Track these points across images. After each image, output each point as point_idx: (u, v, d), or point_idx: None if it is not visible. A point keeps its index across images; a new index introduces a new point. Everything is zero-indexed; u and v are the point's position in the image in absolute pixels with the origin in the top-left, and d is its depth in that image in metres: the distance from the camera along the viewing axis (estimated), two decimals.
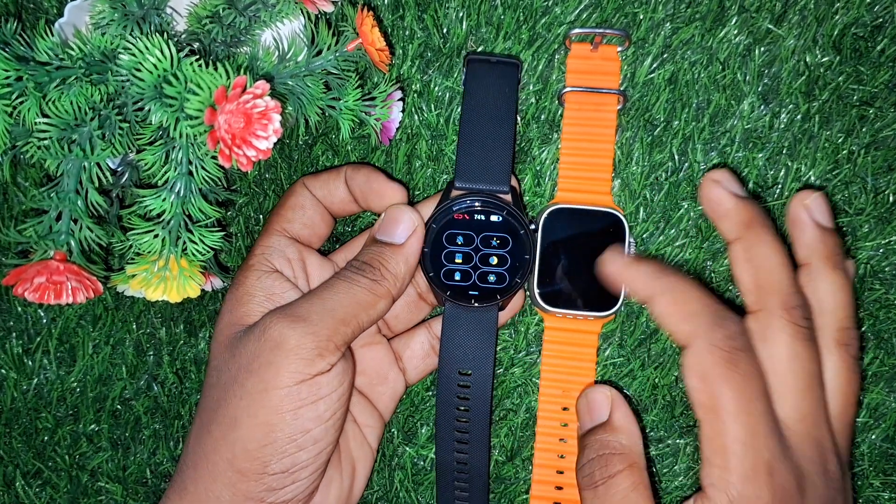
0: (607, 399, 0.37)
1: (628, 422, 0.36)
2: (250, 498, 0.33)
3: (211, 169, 0.36)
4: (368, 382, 0.40)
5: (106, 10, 0.36)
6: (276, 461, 0.33)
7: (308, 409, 0.33)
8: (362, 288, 0.35)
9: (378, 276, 0.35)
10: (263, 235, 0.38)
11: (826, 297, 0.35)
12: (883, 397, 0.41)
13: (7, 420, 0.43)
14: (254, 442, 0.33)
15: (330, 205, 0.39)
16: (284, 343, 0.33)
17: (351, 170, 0.38)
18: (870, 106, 0.41)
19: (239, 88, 0.31)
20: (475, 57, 0.39)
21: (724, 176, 0.36)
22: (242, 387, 0.33)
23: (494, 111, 0.38)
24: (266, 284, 0.36)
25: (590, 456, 0.35)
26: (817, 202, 0.36)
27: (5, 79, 0.32)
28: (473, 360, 0.38)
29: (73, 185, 0.35)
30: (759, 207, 0.36)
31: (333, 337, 0.33)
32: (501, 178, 0.38)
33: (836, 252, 0.35)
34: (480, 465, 0.39)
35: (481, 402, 0.38)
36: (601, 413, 0.36)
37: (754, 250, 0.34)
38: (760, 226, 0.35)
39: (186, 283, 0.36)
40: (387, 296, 0.35)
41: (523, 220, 0.38)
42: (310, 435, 0.33)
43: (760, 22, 0.41)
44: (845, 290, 0.35)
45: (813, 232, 0.35)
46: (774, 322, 0.33)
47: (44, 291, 0.35)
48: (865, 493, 0.41)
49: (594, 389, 0.37)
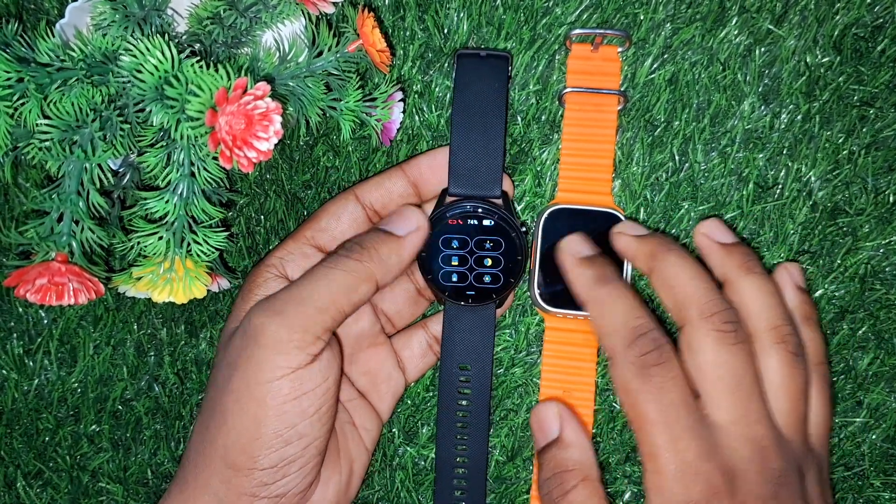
0: (556, 416, 0.38)
1: (578, 437, 0.37)
2: (244, 493, 0.34)
3: (213, 170, 0.36)
4: (373, 383, 0.40)
5: (107, 12, 0.36)
6: (264, 456, 0.33)
7: (292, 404, 0.33)
8: (343, 271, 0.35)
9: (365, 258, 0.35)
10: (289, 239, 0.39)
11: (750, 301, 0.36)
12: (883, 397, 0.41)
13: (8, 421, 0.43)
14: (244, 436, 0.33)
15: (387, 203, 0.39)
16: (262, 337, 0.33)
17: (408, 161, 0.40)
18: (870, 106, 0.41)
19: (240, 90, 0.31)
20: (465, 52, 0.40)
21: (625, 226, 0.39)
22: (230, 382, 0.34)
23: (484, 112, 0.39)
24: (271, 287, 0.37)
25: (545, 475, 0.37)
26: (713, 225, 0.38)
27: (6, 80, 0.32)
28: (473, 355, 0.40)
29: (75, 186, 0.35)
30: (661, 237, 0.37)
31: (311, 327, 0.34)
32: (493, 184, 0.39)
33: (746, 259, 0.37)
34: (480, 459, 0.40)
35: (481, 395, 0.40)
36: (551, 430, 0.38)
37: (664, 273, 0.36)
38: (664, 251, 0.36)
39: (192, 284, 0.36)
40: (370, 279, 0.35)
41: (514, 223, 0.39)
42: (295, 430, 0.34)
43: (761, 22, 0.41)
44: (766, 290, 0.36)
45: (718, 251, 0.37)
46: (697, 332, 0.34)
47: (45, 292, 0.35)
48: (866, 494, 0.41)
49: (543, 407, 0.39)
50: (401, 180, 0.39)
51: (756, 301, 0.36)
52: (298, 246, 0.38)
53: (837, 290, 0.41)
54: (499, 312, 0.41)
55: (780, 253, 0.41)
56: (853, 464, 0.41)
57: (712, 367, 0.34)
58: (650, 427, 0.33)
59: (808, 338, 0.37)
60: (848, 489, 0.41)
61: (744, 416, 0.33)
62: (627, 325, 0.35)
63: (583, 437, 0.37)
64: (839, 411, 0.41)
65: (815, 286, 0.41)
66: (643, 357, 0.34)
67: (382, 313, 0.41)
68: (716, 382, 0.34)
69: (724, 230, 0.38)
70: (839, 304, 0.41)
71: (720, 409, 0.34)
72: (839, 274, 0.41)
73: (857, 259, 0.41)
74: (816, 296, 0.41)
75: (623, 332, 0.35)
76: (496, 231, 0.39)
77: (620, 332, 0.35)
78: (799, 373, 0.35)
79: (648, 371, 0.34)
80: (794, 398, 0.35)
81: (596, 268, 0.37)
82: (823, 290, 0.41)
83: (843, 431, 0.41)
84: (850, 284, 0.41)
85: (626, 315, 0.35)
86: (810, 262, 0.41)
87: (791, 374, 0.35)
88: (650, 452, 0.33)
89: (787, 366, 0.35)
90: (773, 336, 0.35)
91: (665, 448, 0.33)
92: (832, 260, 0.41)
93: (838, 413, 0.41)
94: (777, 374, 0.35)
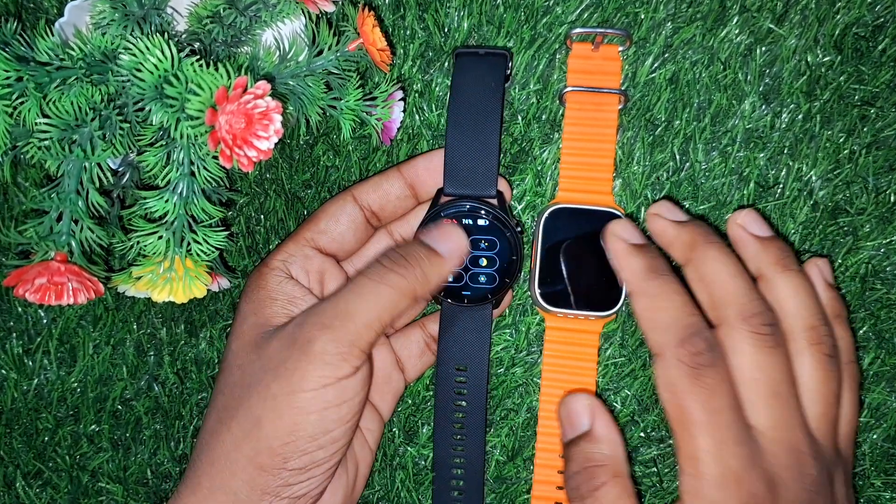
0: (587, 409, 0.37)
1: (609, 431, 0.36)
2: (267, 492, 0.34)
3: (213, 169, 0.36)
4: (374, 384, 0.40)
5: (106, 10, 0.35)
6: (295, 458, 0.34)
7: (332, 410, 0.34)
8: (388, 287, 0.34)
9: (409, 275, 0.35)
10: (289, 241, 0.39)
11: (786, 300, 0.35)
12: (884, 397, 0.41)
13: (7, 420, 0.43)
14: (277, 440, 0.33)
15: (385, 205, 0.39)
16: (310, 349, 0.33)
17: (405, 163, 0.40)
18: (871, 106, 0.41)
19: (240, 89, 0.31)
20: (463, 50, 0.40)
21: (662, 207, 0.37)
22: (268, 388, 0.34)
23: (480, 111, 0.39)
24: (287, 289, 0.37)
25: (574, 469, 0.36)
26: (749, 217, 0.37)
27: (6, 79, 0.32)
28: (469, 356, 0.40)
29: (74, 185, 0.35)
30: (701, 227, 0.36)
31: (358, 342, 0.34)
32: (488, 184, 0.39)
33: (782, 256, 0.36)
34: (477, 460, 0.40)
35: (478, 396, 0.40)
36: (581, 423, 0.37)
37: (703, 268, 0.35)
38: (704, 244, 0.35)
39: (192, 284, 0.36)
40: (411, 295, 0.35)
41: (509, 223, 0.39)
42: (330, 435, 0.34)
43: (762, 22, 0.41)
44: (803, 288, 0.35)
45: (754, 245, 0.36)
46: (735, 334, 0.34)
47: (45, 292, 0.35)
48: (867, 493, 0.41)
49: (574, 399, 0.38)
50: (398, 182, 0.39)
51: (793, 300, 0.35)
52: (299, 248, 0.38)
53: (838, 290, 0.41)
54: (496, 314, 0.41)
55: None
56: (854, 464, 0.41)
57: (750, 370, 0.33)
58: (696, 430, 0.32)
59: (839, 336, 0.36)
60: None
61: (783, 422, 0.33)
62: (680, 322, 0.34)
63: (614, 433, 0.36)
64: None
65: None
66: (695, 357, 0.33)
67: None
68: (754, 387, 0.33)
69: (761, 222, 0.37)
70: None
71: (759, 415, 0.33)
72: (840, 274, 0.41)
73: (857, 259, 0.41)
74: None
75: (675, 330, 0.34)
76: (491, 231, 0.39)
77: (672, 329, 0.34)
78: (833, 376, 0.35)
79: (700, 372, 0.33)
80: (828, 402, 0.35)
81: (648, 258, 0.35)
82: None
83: None
84: (851, 284, 0.41)
85: (680, 311, 0.34)
86: None
87: (825, 379, 0.34)
88: (692, 455, 0.32)
89: (822, 369, 0.34)
90: (810, 337, 0.35)
91: (709, 452, 0.32)
92: (833, 259, 0.41)
93: None
94: (812, 379, 0.34)
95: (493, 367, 0.42)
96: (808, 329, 0.35)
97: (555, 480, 0.40)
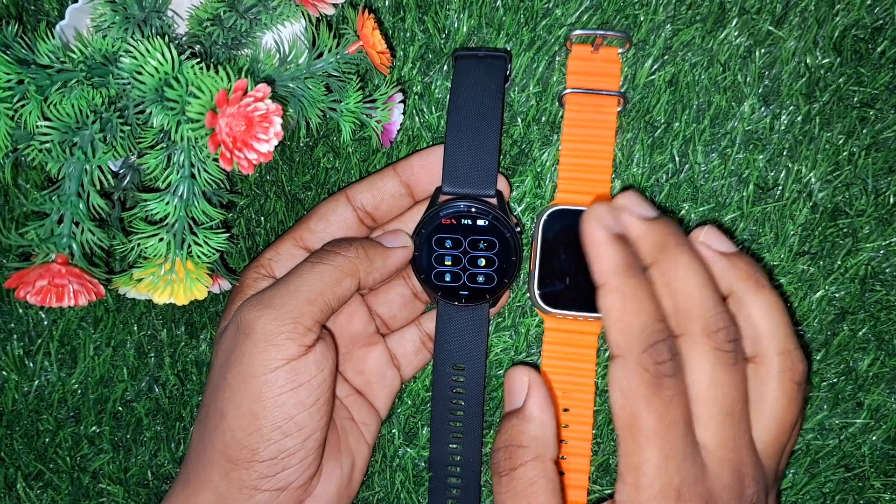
0: (524, 385, 0.36)
1: (540, 410, 0.35)
2: (244, 486, 0.34)
3: (213, 171, 0.36)
4: (367, 382, 0.41)
5: (107, 13, 0.36)
6: (263, 448, 0.34)
7: (289, 395, 0.34)
8: (328, 265, 0.35)
9: (351, 254, 0.36)
10: (279, 240, 0.39)
11: (759, 321, 0.33)
12: (884, 399, 0.41)
13: (8, 422, 0.43)
14: (240, 431, 0.34)
15: (379, 204, 0.39)
16: (252, 331, 0.34)
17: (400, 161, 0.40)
18: (870, 107, 0.41)
19: (240, 91, 0.31)
20: (462, 52, 0.40)
21: (630, 199, 0.34)
22: (224, 380, 0.35)
23: (479, 111, 0.39)
24: (261, 287, 0.37)
25: (499, 444, 0.36)
26: (711, 234, 0.34)
27: (7, 82, 0.32)
28: (467, 355, 0.40)
29: (75, 188, 0.35)
30: (672, 227, 0.33)
31: (300, 318, 0.34)
32: (487, 183, 0.39)
33: (752, 272, 0.34)
34: (474, 459, 0.40)
35: (475, 395, 0.40)
36: (517, 398, 0.36)
37: (671, 274, 0.32)
38: (674, 246, 0.33)
39: (193, 286, 0.36)
40: (353, 274, 0.36)
41: (508, 223, 0.39)
42: (294, 421, 0.34)
43: (761, 24, 0.41)
44: (775, 307, 0.34)
45: (721, 262, 0.34)
46: (697, 348, 0.32)
47: (46, 294, 0.35)
48: (867, 495, 0.41)
49: (515, 372, 0.37)
50: (393, 180, 0.39)
51: (767, 322, 0.33)
52: (287, 247, 0.39)
53: (838, 292, 0.41)
54: (492, 312, 0.41)
55: (780, 254, 0.41)
56: (854, 465, 0.41)
57: (707, 387, 0.32)
58: (645, 440, 0.31)
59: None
60: (848, 490, 0.41)
61: (731, 442, 0.32)
62: (648, 328, 0.31)
63: (546, 413, 0.35)
64: (840, 412, 0.41)
65: (816, 287, 0.41)
66: (658, 366, 0.31)
67: (377, 316, 0.41)
68: (709, 404, 0.32)
69: (723, 239, 0.35)
70: (839, 306, 0.41)
71: (708, 432, 0.32)
72: (839, 275, 0.41)
73: (857, 260, 0.41)
74: (817, 297, 0.41)
75: (643, 335, 0.31)
76: (490, 231, 0.39)
77: (641, 334, 0.31)
78: (797, 405, 0.34)
79: (660, 382, 0.31)
80: (784, 430, 0.33)
81: (628, 253, 0.33)
82: (824, 291, 0.41)
83: (844, 433, 0.41)
84: (851, 286, 0.41)
85: (650, 316, 0.32)
86: (811, 263, 0.41)
87: (789, 407, 0.33)
88: (637, 466, 0.31)
89: (787, 397, 0.33)
90: (782, 362, 0.33)
91: (655, 466, 0.31)
92: (832, 261, 0.41)
93: (839, 414, 0.41)
94: (776, 405, 0.33)
95: (493, 369, 0.42)
96: (782, 353, 0.33)
97: None
